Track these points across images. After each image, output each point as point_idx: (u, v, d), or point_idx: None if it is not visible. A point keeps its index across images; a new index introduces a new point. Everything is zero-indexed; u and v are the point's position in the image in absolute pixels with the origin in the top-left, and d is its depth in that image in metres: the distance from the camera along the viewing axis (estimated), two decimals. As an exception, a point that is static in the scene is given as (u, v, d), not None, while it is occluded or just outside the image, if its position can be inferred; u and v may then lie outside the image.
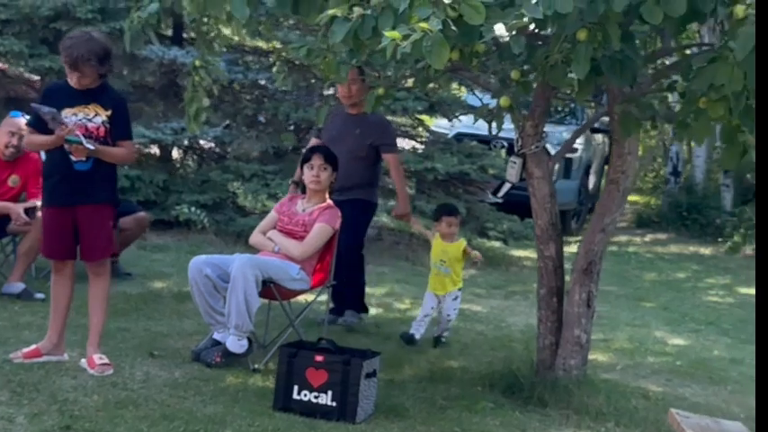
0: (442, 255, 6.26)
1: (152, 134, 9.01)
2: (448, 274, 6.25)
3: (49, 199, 4.87)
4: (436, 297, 6.28)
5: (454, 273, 6.27)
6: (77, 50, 4.63)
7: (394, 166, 6.41)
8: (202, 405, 4.43)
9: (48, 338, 4.91)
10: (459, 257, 6.26)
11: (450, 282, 6.27)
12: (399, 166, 6.50)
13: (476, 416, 4.73)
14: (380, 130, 6.34)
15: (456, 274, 6.29)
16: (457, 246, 6.26)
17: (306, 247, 5.40)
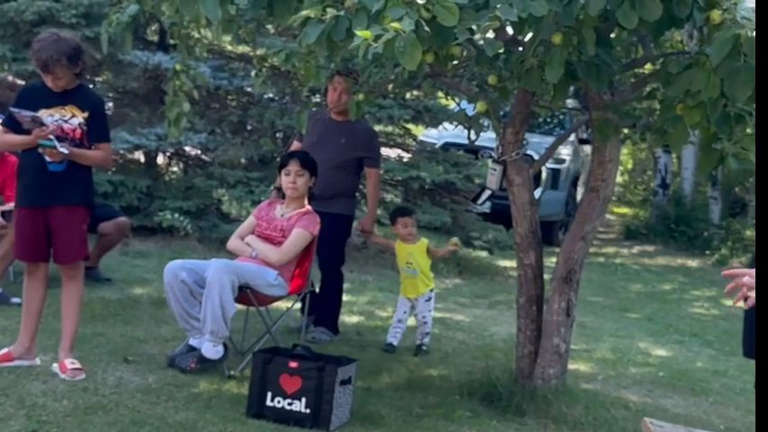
0: (407, 257, 6.19)
1: (136, 140, 8.95)
2: (416, 275, 6.17)
3: (21, 199, 4.82)
4: (408, 301, 6.22)
5: (422, 273, 6.18)
6: (46, 52, 4.58)
7: (374, 182, 6.31)
8: (174, 411, 4.37)
9: (19, 342, 4.85)
10: (424, 257, 6.18)
11: (421, 283, 6.19)
12: (378, 183, 6.44)
13: (452, 424, 4.67)
14: (367, 143, 6.24)
15: (425, 275, 6.21)
16: (419, 246, 6.18)
17: (283, 252, 5.35)
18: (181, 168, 10.56)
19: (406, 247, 6.22)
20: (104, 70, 10.27)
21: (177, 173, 10.47)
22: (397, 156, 10.61)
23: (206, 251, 8.44)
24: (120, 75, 9.88)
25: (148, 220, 8.89)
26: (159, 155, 10.06)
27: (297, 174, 5.50)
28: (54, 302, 5.14)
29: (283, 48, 5.10)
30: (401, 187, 10.28)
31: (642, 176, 19.25)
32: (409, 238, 6.23)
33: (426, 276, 6.23)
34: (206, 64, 9.31)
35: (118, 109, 10.27)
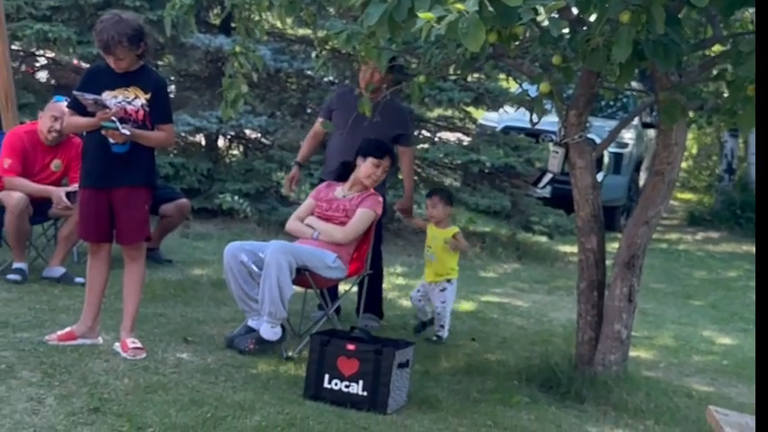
0: (430, 240, 5.96)
1: (197, 122, 9.02)
2: (432, 261, 5.94)
3: (85, 180, 4.86)
4: (424, 285, 6.02)
5: (439, 262, 5.90)
6: (107, 33, 4.60)
7: (408, 159, 6.13)
8: (232, 391, 4.39)
9: (82, 321, 4.91)
10: (445, 245, 5.88)
11: (434, 271, 5.93)
12: (413, 162, 6.26)
13: (510, 410, 4.62)
14: (402, 121, 6.07)
15: (442, 264, 5.91)
16: (444, 233, 5.89)
17: (348, 231, 5.33)
18: (241, 151, 10.64)
19: (432, 230, 5.98)
20: (167, 53, 10.36)
21: (237, 155, 10.55)
22: (456, 139, 10.54)
23: (265, 233, 8.48)
24: (182, 58, 9.97)
25: (209, 203, 8.97)
26: (220, 138, 10.14)
27: (384, 169, 5.48)
28: (116, 283, 5.19)
29: (344, 29, 5.07)
30: (460, 171, 10.23)
31: (707, 162, 18.88)
32: (435, 220, 5.94)
33: (443, 265, 5.92)
34: (267, 47, 9.34)
35: (180, 92, 10.37)
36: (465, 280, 8.21)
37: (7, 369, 4.30)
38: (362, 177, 5.49)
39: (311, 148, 6.33)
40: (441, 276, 5.92)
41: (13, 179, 6.29)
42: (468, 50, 4.61)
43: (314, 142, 6.30)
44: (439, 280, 5.90)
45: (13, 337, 4.80)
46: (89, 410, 3.91)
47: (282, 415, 4.12)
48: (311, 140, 6.30)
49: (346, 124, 5.76)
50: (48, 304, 5.63)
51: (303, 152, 6.31)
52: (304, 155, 6.30)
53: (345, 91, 6.20)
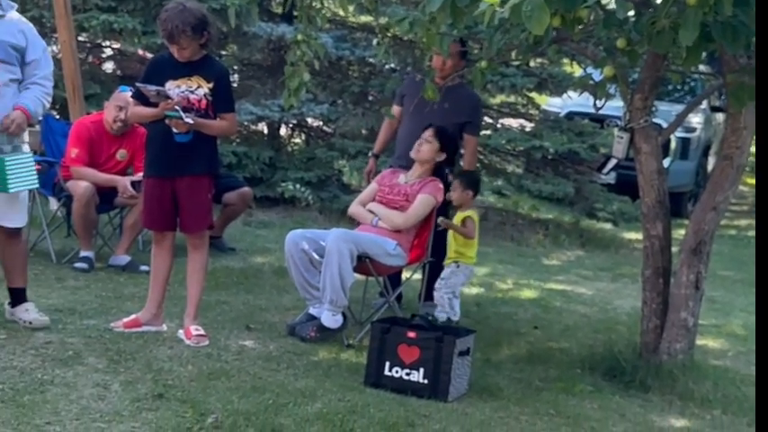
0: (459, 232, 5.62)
1: (259, 111, 9.06)
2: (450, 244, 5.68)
3: (149, 169, 4.92)
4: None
5: (454, 243, 5.57)
6: (171, 22, 4.63)
7: (472, 149, 6.02)
8: (294, 378, 4.41)
9: (147, 309, 4.97)
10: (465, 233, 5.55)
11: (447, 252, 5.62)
12: (476, 150, 6.17)
13: (573, 398, 4.57)
14: (472, 108, 5.99)
15: (451, 247, 5.56)
16: (459, 216, 5.61)
17: (408, 216, 5.32)
18: (303, 139, 10.67)
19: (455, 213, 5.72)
20: (230, 43, 10.43)
21: (299, 144, 10.59)
22: (519, 125, 10.45)
23: (326, 221, 8.51)
24: (245, 47, 10.01)
25: (271, 191, 9.02)
26: (282, 126, 10.18)
27: (426, 140, 5.46)
28: (180, 271, 5.25)
29: (406, 16, 5.04)
30: (523, 158, 10.13)
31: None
32: (456, 203, 5.62)
33: (450, 248, 5.57)
34: (328, 35, 9.35)
35: (242, 81, 10.43)
36: (527, 267, 8.17)
37: (74, 355, 4.38)
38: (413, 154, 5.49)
39: (387, 137, 6.29)
40: (449, 259, 5.70)
41: (80, 169, 6.40)
42: (531, 35, 4.55)
43: (389, 131, 6.25)
44: (448, 262, 5.72)
45: (81, 324, 4.89)
46: (153, 396, 3.96)
47: (343, 402, 4.14)
48: (386, 129, 6.27)
49: (415, 109, 5.73)
50: (113, 292, 5.72)
51: (379, 142, 6.30)
52: (380, 145, 6.29)
53: (414, 77, 6.17)
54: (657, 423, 4.40)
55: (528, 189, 9.63)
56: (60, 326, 4.81)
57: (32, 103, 4.64)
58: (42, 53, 4.74)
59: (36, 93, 4.68)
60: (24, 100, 4.63)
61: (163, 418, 3.74)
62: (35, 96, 4.66)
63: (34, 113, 4.68)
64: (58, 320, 4.88)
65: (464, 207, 5.61)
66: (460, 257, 5.58)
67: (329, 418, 3.89)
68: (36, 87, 4.69)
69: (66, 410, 3.72)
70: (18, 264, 4.85)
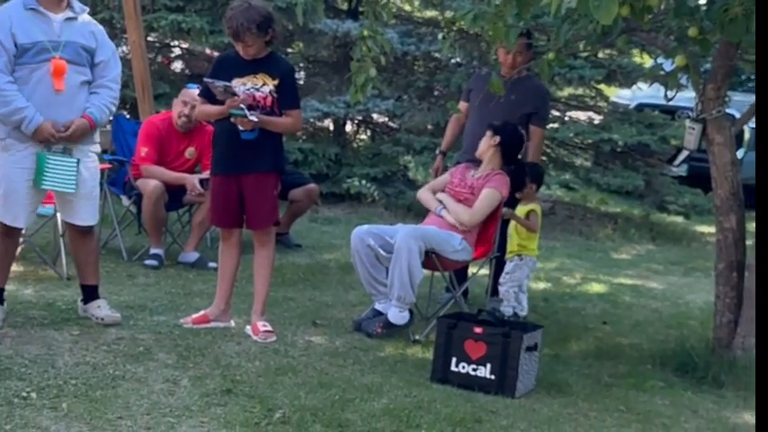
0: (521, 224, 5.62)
1: (325, 108, 9.10)
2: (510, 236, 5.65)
3: (216, 167, 4.97)
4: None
5: (513, 237, 5.56)
6: (237, 20, 4.67)
7: (538, 141, 5.91)
8: (360, 374, 4.42)
9: (215, 305, 5.02)
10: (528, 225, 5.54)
11: (509, 246, 5.60)
12: (542, 141, 6.07)
13: (643, 394, 4.49)
14: (540, 100, 5.90)
15: (512, 239, 5.56)
16: (522, 209, 5.59)
17: (474, 212, 5.28)
18: (368, 135, 10.68)
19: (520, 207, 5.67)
20: (296, 40, 10.49)
21: (365, 140, 10.60)
22: (587, 118, 10.31)
23: (392, 217, 8.50)
24: (311, 44, 10.06)
25: (337, 187, 9.05)
26: (347, 122, 10.21)
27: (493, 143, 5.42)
28: (248, 267, 5.29)
29: (471, 9, 5.00)
30: (591, 151, 10.00)
31: None
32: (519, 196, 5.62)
33: (512, 241, 5.57)
34: (394, 30, 9.34)
35: (308, 78, 10.49)
36: (596, 262, 8.07)
37: (145, 351, 4.45)
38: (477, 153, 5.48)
39: (454, 133, 6.23)
40: (512, 252, 5.67)
41: (149, 167, 6.49)
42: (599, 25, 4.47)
43: (456, 127, 6.20)
44: (510, 256, 5.68)
45: (151, 321, 4.96)
46: (222, 392, 4.00)
47: (410, 398, 4.13)
48: (453, 126, 6.22)
49: (481, 103, 5.68)
50: (183, 288, 5.80)
51: (446, 140, 6.26)
52: (447, 142, 6.24)
53: (482, 72, 6.11)
54: (731, 419, 4.30)
55: (596, 182, 9.50)
56: (131, 322, 4.89)
57: (98, 111, 4.70)
58: (111, 55, 4.81)
59: (103, 98, 4.73)
60: (91, 108, 4.68)
61: (231, 413, 3.77)
62: (102, 104, 4.72)
63: (99, 121, 4.73)
64: (129, 317, 4.96)
65: (527, 200, 5.57)
66: (523, 250, 5.55)
67: (395, 414, 3.89)
68: (104, 91, 4.75)
69: (137, 405, 3.77)
70: (90, 261, 4.93)
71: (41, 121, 4.50)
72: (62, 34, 4.58)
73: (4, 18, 4.52)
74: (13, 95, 4.47)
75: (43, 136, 4.53)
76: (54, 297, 5.25)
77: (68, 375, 4.02)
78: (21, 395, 3.74)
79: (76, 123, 4.63)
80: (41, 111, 4.52)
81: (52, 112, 4.55)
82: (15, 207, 4.62)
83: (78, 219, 4.81)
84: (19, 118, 4.48)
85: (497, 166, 5.45)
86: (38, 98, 4.52)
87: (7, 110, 4.48)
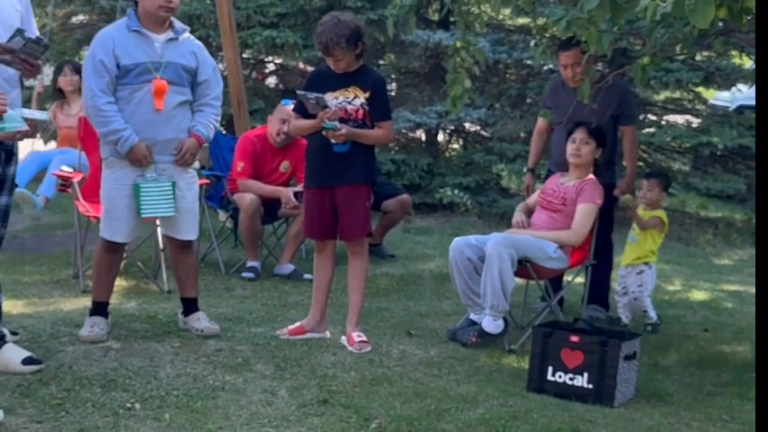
0: (637, 221, 5.70)
1: (417, 118, 9.14)
2: (632, 242, 5.70)
3: (309, 180, 5.03)
4: (624, 269, 5.74)
5: (639, 244, 5.63)
6: (326, 36, 4.72)
7: (630, 139, 5.85)
8: (455, 384, 4.41)
9: (311, 316, 5.08)
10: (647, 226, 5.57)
11: (633, 254, 5.65)
12: (636, 140, 5.98)
13: (748, 404, 4.36)
14: (621, 98, 5.77)
15: (641, 246, 5.63)
16: (647, 213, 5.59)
17: (576, 232, 5.24)
18: (460, 145, 10.67)
19: (640, 212, 5.73)
20: (387, 52, 10.57)
21: (457, 149, 10.60)
22: (685, 121, 10.10)
23: (486, 226, 8.47)
24: (403, 55, 10.13)
25: (429, 197, 9.07)
26: (439, 132, 10.22)
27: (582, 141, 5.37)
28: (342, 278, 5.34)
29: (563, 15, 4.96)
30: (689, 155, 9.80)
31: None
32: (647, 202, 5.69)
33: (641, 248, 5.66)
34: (485, 38, 9.32)
35: (400, 89, 10.56)
36: (696, 268, 7.89)
37: (243, 362, 4.53)
38: (568, 158, 5.42)
39: (539, 149, 6.19)
40: (639, 259, 5.67)
41: (246, 181, 6.62)
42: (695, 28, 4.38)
43: (540, 142, 6.17)
44: (637, 263, 5.64)
45: (249, 332, 5.05)
46: (318, 402, 4.04)
47: (506, 408, 4.10)
48: (537, 141, 6.18)
49: (563, 117, 5.66)
50: (279, 300, 5.89)
51: (532, 156, 6.20)
52: (534, 158, 6.19)
53: (557, 85, 6.05)
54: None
55: (695, 187, 9.30)
56: (230, 334, 4.99)
57: (205, 129, 4.83)
58: (213, 73, 4.92)
59: (208, 116, 4.85)
60: (198, 126, 4.81)
61: (328, 423, 3.81)
62: (207, 121, 4.84)
63: (206, 138, 4.86)
64: (227, 329, 5.06)
65: (653, 207, 5.57)
66: (650, 258, 5.59)
67: (492, 424, 3.87)
68: (208, 109, 4.87)
69: (236, 416, 3.84)
70: (190, 275, 5.05)
71: (136, 142, 4.63)
72: (164, 55, 4.70)
73: (108, 39, 4.67)
74: (112, 116, 4.61)
75: (137, 156, 4.64)
76: (155, 310, 5.39)
77: (170, 386, 4.12)
78: (125, 406, 3.85)
79: (187, 144, 4.76)
80: (141, 129, 4.64)
81: (151, 131, 4.68)
82: (116, 223, 4.77)
83: (179, 233, 4.93)
84: (115, 138, 4.62)
85: (588, 172, 5.39)
86: (138, 118, 4.65)
87: (106, 129, 4.63)
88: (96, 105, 4.60)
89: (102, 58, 4.61)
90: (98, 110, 4.61)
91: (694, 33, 4.67)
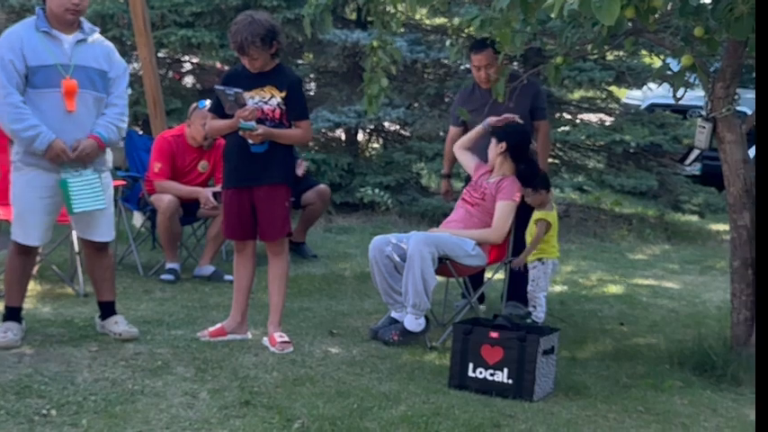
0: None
1: (336, 118, 9.14)
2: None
3: (227, 181, 4.99)
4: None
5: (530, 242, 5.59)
6: (240, 35, 4.69)
7: (544, 133, 5.92)
8: (378, 382, 4.42)
9: (231, 317, 5.04)
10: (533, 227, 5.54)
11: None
12: (549, 136, 6.06)
13: (662, 395, 4.48)
14: (534, 96, 5.82)
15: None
16: (539, 214, 5.56)
17: (496, 229, 5.31)
18: (380, 144, 10.71)
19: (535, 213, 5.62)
20: (305, 51, 10.54)
21: (377, 149, 10.63)
22: (598, 120, 10.31)
23: (406, 225, 8.52)
24: (321, 55, 10.11)
25: (350, 197, 9.08)
26: (359, 132, 10.24)
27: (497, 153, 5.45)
28: (264, 279, 5.31)
29: (477, 15, 5.01)
30: (604, 152, 10.00)
31: None
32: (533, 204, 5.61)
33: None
34: (402, 38, 9.37)
35: (319, 89, 10.53)
36: (612, 263, 8.05)
37: (163, 365, 4.47)
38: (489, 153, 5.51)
39: (453, 156, 6.23)
40: (534, 256, 5.66)
41: (163, 182, 6.53)
42: (605, 27, 4.48)
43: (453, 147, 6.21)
44: (531, 260, 5.67)
45: (168, 335, 4.99)
46: (240, 404, 4.01)
47: (428, 404, 4.13)
48: (451, 149, 6.20)
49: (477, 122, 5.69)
50: (199, 302, 5.83)
51: (447, 163, 6.22)
52: (449, 165, 6.22)
53: (470, 88, 6.09)
54: (751, 417, 4.27)
55: (610, 184, 9.50)
56: (149, 337, 4.92)
57: (104, 130, 4.73)
58: (122, 72, 4.84)
59: (110, 117, 4.76)
60: (97, 128, 4.72)
61: (250, 424, 3.78)
62: (107, 122, 4.75)
63: (107, 141, 4.75)
64: (146, 332, 4.99)
65: (542, 206, 5.59)
66: (542, 254, 5.56)
67: (414, 421, 3.89)
68: (110, 110, 4.77)
69: (156, 419, 3.79)
70: (107, 277, 4.97)
71: (53, 139, 4.54)
72: (73, 57, 4.62)
73: (15, 39, 4.56)
74: (26, 113, 4.50)
75: (54, 152, 4.55)
76: (72, 314, 5.28)
77: (88, 392, 4.05)
78: (41, 413, 3.76)
79: (83, 144, 4.66)
80: (53, 131, 4.55)
81: (64, 132, 4.58)
82: (28, 226, 4.66)
83: (94, 235, 4.84)
84: (33, 134, 4.51)
85: (509, 171, 5.46)
86: (50, 119, 4.55)
87: (21, 126, 4.51)
88: (12, 102, 4.49)
89: (12, 59, 4.50)
90: (14, 106, 4.50)
91: (603, 33, 4.78)
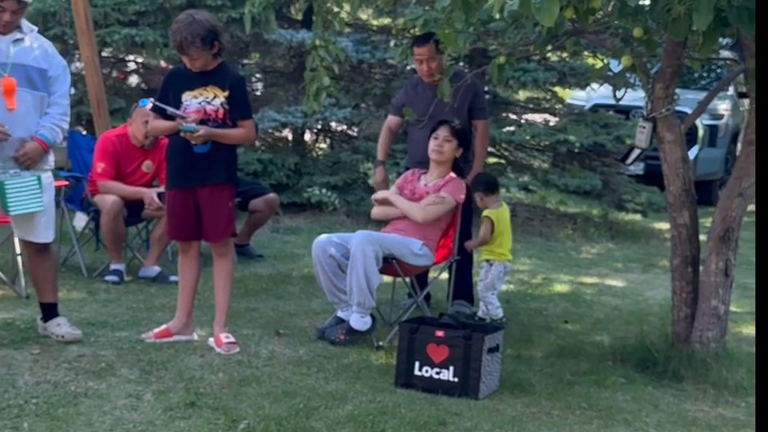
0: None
1: (283, 118, 9.11)
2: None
3: (171, 181, 4.95)
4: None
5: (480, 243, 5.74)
6: (181, 34, 4.66)
7: (483, 132, 5.98)
8: (324, 382, 4.43)
9: (177, 319, 5.01)
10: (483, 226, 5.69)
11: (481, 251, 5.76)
12: (487, 134, 6.14)
13: (605, 391, 4.55)
14: (473, 95, 5.88)
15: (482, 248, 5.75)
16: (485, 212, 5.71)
17: (428, 211, 5.29)
18: (327, 144, 10.70)
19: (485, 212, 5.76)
20: (251, 51, 10.49)
21: (324, 149, 10.62)
22: (543, 120, 10.41)
23: (354, 225, 8.51)
24: (267, 54, 10.07)
25: (297, 197, 9.06)
26: (306, 132, 10.21)
27: (444, 139, 5.45)
28: (209, 279, 5.28)
29: (421, 15, 5.03)
30: (548, 152, 10.10)
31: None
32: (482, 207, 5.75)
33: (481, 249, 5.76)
34: (349, 38, 9.37)
35: (265, 88, 10.49)
36: (557, 262, 8.14)
37: (107, 367, 4.43)
38: (430, 154, 5.48)
39: (388, 143, 6.26)
40: (482, 257, 5.77)
41: (106, 183, 6.46)
42: (545, 27, 4.52)
43: (390, 137, 6.23)
44: (481, 260, 5.76)
45: (112, 337, 4.94)
46: (185, 405, 3.99)
47: (374, 403, 4.14)
48: (387, 136, 6.21)
49: (422, 116, 5.70)
50: (144, 303, 5.78)
51: (382, 150, 6.22)
52: (383, 152, 6.24)
53: (413, 83, 6.12)
54: (691, 413, 4.37)
55: (555, 184, 9.59)
56: (93, 339, 4.87)
57: (49, 133, 4.68)
58: (62, 71, 4.79)
59: (53, 117, 4.71)
60: (42, 130, 4.66)
61: (195, 426, 3.76)
62: (52, 124, 4.70)
63: (51, 142, 4.70)
64: (90, 333, 4.93)
65: (490, 207, 5.66)
66: (491, 255, 5.62)
67: (360, 420, 3.90)
68: (54, 110, 4.72)
69: (99, 422, 3.75)
70: (49, 279, 4.90)
71: None
72: (11, 55, 4.57)
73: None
74: None
75: None
76: (13, 316, 5.20)
77: (29, 395, 3.99)
78: (-19, 416, 3.72)
79: (27, 147, 4.60)
80: None
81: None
82: None
83: (35, 236, 4.78)
84: None
85: (448, 171, 5.49)
86: (-10, 117, 4.50)
87: None
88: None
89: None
90: None
91: (544, 33, 4.83)
